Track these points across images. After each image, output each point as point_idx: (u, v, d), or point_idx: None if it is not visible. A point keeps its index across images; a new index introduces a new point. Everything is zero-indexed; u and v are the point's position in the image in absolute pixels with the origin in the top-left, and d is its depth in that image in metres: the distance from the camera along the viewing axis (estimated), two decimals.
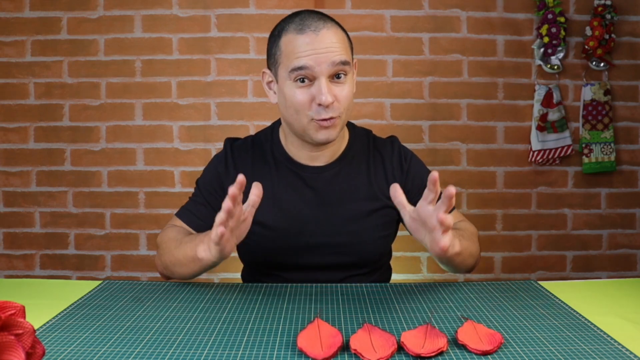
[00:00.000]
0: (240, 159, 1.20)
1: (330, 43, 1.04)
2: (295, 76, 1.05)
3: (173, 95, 2.33)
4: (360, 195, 1.17)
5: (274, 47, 1.10)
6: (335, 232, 1.16)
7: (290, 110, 1.08)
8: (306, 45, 1.03)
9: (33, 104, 2.33)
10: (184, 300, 1.02)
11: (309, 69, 1.04)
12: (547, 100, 2.30)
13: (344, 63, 1.05)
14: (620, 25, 2.30)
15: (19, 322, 0.59)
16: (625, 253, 2.40)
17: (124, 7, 2.30)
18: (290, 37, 1.06)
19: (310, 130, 1.09)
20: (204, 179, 1.23)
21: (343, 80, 1.07)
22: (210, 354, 0.77)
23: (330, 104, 1.04)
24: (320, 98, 1.03)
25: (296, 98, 1.06)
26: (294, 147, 1.18)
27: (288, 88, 1.07)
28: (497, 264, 2.40)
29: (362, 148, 1.22)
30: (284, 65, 1.07)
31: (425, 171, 1.23)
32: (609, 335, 0.83)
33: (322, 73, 1.04)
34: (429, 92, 2.34)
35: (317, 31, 1.04)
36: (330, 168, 1.18)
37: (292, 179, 1.17)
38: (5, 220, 2.37)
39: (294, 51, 1.04)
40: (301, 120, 1.08)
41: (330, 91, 1.04)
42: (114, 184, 2.36)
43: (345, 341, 0.80)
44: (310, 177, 1.17)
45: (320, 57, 1.03)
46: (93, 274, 2.38)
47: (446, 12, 2.31)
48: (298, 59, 1.03)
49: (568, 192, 2.38)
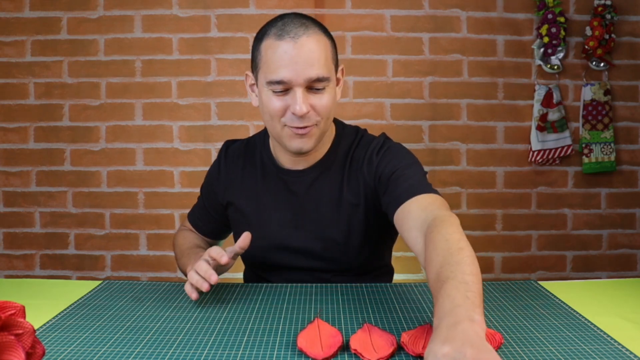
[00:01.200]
0: (233, 164, 1.23)
1: (309, 53, 1.00)
2: (271, 87, 1.03)
3: (173, 95, 2.33)
4: (332, 203, 1.14)
5: (255, 50, 1.07)
6: (312, 237, 1.15)
7: (266, 115, 1.07)
8: (284, 54, 1.00)
9: (33, 104, 2.33)
10: (184, 300, 1.02)
11: (286, 83, 1.01)
12: (547, 100, 2.30)
13: (321, 80, 1.02)
14: (620, 25, 2.30)
15: (19, 322, 0.59)
16: (625, 253, 2.40)
17: (124, 7, 2.30)
18: (270, 42, 1.02)
19: (285, 138, 1.07)
20: (204, 185, 1.32)
21: (321, 92, 1.04)
22: (210, 354, 0.77)
23: (304, 114, 1.02)
24: (295, 108, 1.01)
25: (271, 105, 1.04)
26: (278, 151, 1.17)
27: (265, 94, 1.05)
28: (497, 264, 2.40)
29: (344, 151, 1.17)
30: (262, 72, 1.04)
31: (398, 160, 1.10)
32: (609, 335, 0.83)
33: (298, 84, 1.01)
34: (429, 92, 2.34)
35: (295, 38, 1.00)
36: (310, 172, 1.16)
37: (276, 182, 1.18)
38: (5, 220, 2.37)
39: (272, 60, 1.01)
40: (275, 126, 1.06)
41: (305, 101, 1.01)
42: (113, 184, 2.36)
43: (345, 341, 0.80)
44: (292, 180, 1.16)
45: (298, 70, 1.00)
46: (93, 274, 2.38)
47: (446, 12, 2.31)
48: (275, 71, 1.01)
49: (568, 192, 2.38)
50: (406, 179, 1.05)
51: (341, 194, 1.14)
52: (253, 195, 1.19)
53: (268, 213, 1.17)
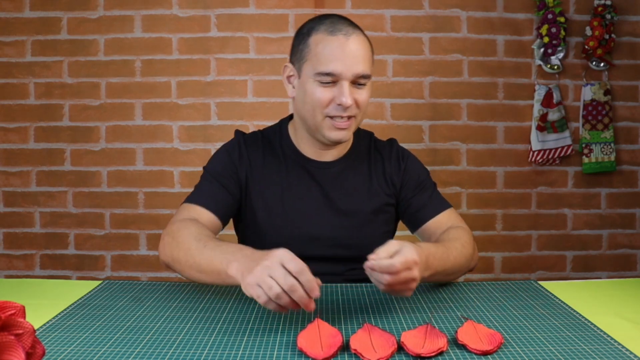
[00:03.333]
0: (253, 150, 1.23)
1: (358, 51, 1.09)
2: (320, 79, 1.09)
3: (173, 95, 2.33)
4: (362, 192, 1.22)
5: (301, 43, 1.14)
6: (336, 225, 1.20)
7: (307, 106, 1.13)
8: (336, 49, 1.08)
9: (33, 104, 2.33)
10: (184, 300, 1.02)
11: (335, 76, 1.08)
12: (547, 100, 2.30)
13: (365, 76, 1.11)
14: (620, 25, 2.30)
15: (19, 322, 0.59)
16: (625, 253, 2.40)
17: (124, 7, 2.29)
18: (321, 37, 1.10)
19: (324, 129, 1.13)
20: (216, 164, 1.23)
21: (362, 87, 1.12)
22: (210, 354, 0.77)
23: (349, 106, 1.09)
24: (342, 99, 1.08)
25: (316, 95, 1.10)
26: (303, 143, 1.22)
27: (310, 85, 1.11)
28: (497, 264, 2.40)
29: (364, 148, 1.27)
30: (310, 64, 1.11)
31: (421, 170, 1.29)
32: (609, 335, 0.83)
33: (346, 78, 1.09)
34: (429, 92, 2.34)
35: (347, 35, 1.09)
36: (337, 164, 1.23)
37: (300, 171, 1.22)
38: (5, 220, 2.37)
39: (323, 53, 1.09)
40: (316, 116, 1.12)
41: (351, 94, 1.09)
42: (113, 184, 2.36)
43: (345, 341, 0.80)
44: (317, 171, 1.22)
45: (347, 64, 1.08)
46: (93, 274, 2.37)
47: (446, 12, 2.31)
48: (327, 64, 1.08)
49: (568, 192, 2.38)
50: (431, 192, 1.26)
51: (371, 184, 1.23)
52: (277, 184, 1.21)
53: (293, 202, 1.20)
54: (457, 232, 1.16)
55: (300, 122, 1.20)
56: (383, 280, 0.88)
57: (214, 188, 1.18)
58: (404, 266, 0.87)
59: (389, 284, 0.88)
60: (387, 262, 0.87)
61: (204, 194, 1.18)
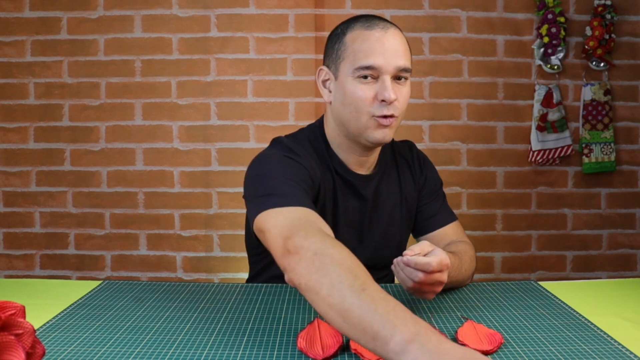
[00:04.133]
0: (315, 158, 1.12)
1: (397, 45, 1.07)
2: (361, 74, 1.04)
3: (173, 95, 2.33)
4: (396, 201, 1.22)
5: (336, 43, 1.10)
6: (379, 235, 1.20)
7: (350, 107, 1.06)
8: (375, 41, 1.04)
9: (33, 104, 2.33)
10: (184, 300, 1.02)
11: (376, 69, 1.04)
12: (547, 100, 2.30)
13: (406, 70, 1.07)
14: (620, 25, 2.30)
15: (19, 322, 0.59)
16: (625, 253, 2.40)
17: (124, 7, 2.29)
18: (358, 33, 1.07)
19: (369, 129, 1.06)
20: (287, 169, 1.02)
21: (403, 83, 1.09)
22: (210, 354, 0.77)
23: (393, 100, 1.04)
24: (384, 95, 1.03)
25: (358, 94, 1.05)
26: (342, 151, 1.15)
27: (350, 84, 1.06)
28: (497, 264, 2.40)
29: (389, 153, 1.24)
30: (348, 61, 1.06)
31: (437, 179, 1.30)
32: (609, 335, 0.83)
33: (387, 72, 1.05)
34: (429, 92, 2.34)
35: (385, 29, 1.07)
36: (375, 176, 1.19)
37: (347, 187, 1.16)
38: (5, 220, 2.37)
39: (362, 48, 1.05)
40: (360, 118, 1.06)
41: (394, 89, 1.05)
42: (113, 184, 2.36)
43: (345, 341, 0.80)
44: (360, 185, 1.16)
45: (388, 57, 1.04)
46: (93, 274, 2.37)
47: (446, 12, 2.31)
48: (367, 58, 1.04)
49: (568, 192, 2.38)
50: (442, 201, 1.26)
51: (401, 191, 1.23)
52: (330, 195, 1.13)
53: (343, 217, 1.15)
54: (465, 246, 1.17)
55: (339, 128, 1.12)
56: (415, 277, 0.86)
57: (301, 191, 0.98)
58: (438, 267, 0.87)
59: (420, 282, 0.87)
60: (425, 260, 0.86)
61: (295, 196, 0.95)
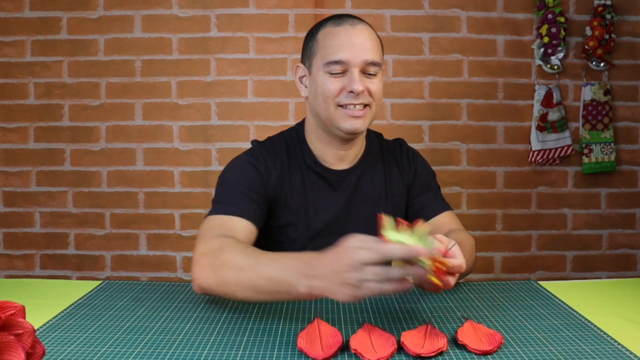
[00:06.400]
0: (279, 161, 1.18)
1: (365, 39, 1.10)
2: (330, 69, 1.10)
3: (173, 95, 2.33)
4: (380, 196, 1.24)
5: (310, 41, 1.16)
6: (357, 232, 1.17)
7: (320, 99, 1.12)
8: (344, 37, 1.10)
9: (33, 104, 2.33)
10: (184, 300, 1.02)
11: (344, 63, 1.09)
12: (547, 100, 2.30)
13: (375, 64, 1.11)
14: (620, 25, 2.30)
15: (19, 322, 0.59)
16: (625, 253, 2.40)
17: (124, 7, 2.29)
18: (328, 29, 1.12)
19: (338, 119, 1.11)
20: (240, 177, 1.14)
21: (373, 77, 1.12)
22: (210, 354, 0.77)
23: (361, 92, 1.09)
24: (352, 86, 1.08)
25: (327, 86, 1.10)
26: (321, 145, 1.19)
27: (321, 78, 1.11)
28: (497, 264, 2.40)
29: (377, 150, 1.27)
30: (320, 56, 1.12)
31: (429, 172, 1.30)
32: (609, 335, 0.83)
33: (355, 65, 1.09)
34: (429, 92, 2.34)
35: (354, 25, 1.11)
36: (354, 171, 1.22)
37: (321, 182, 1.20)
38: (5, 220, 2.37)
39: (331, 44, 1.10)
40: (329, 108, 1.11)
41: (361, 80, 1.09)
42: (113, 184, 2.36)
43: (345, 341, 0.80)
44: (337, 180, 1.20)
45: (355, 52, 1.08)
46: (93, 274, 2.37)
47: (446, 12, 2.31)
48: (335, 53, 1.09)
49: (568, 192, 2.38)
50: (435, 193, 1.28)
51: (386, 186, 1.24)
52: (299, 195, 1.18)
53: (315, 213, 1.19)
54: (464, 235, 1.18)
55: (316, 122, 1.17)
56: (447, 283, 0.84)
57: (244, 200, 1.11)
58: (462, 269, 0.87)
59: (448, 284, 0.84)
60: (458, 262, 0.85)
61: (233, 205, 1.09)
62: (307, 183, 1.19)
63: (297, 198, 1.18)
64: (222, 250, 0.94)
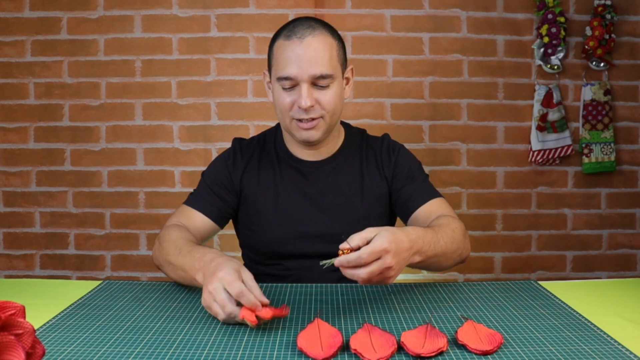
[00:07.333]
0: (248, 156, 1.28)
1: (314, 52, 1.11)
2: (281, 84, 1.14)
3: (173, 95, 2.33)
4: (354, 189, 1.25)
5: (270, 50, 1.19)
6: (329, 223, 1.22)
7: (277, 110, 1.18)
8: (291, 52, 1.11)
9: (33, 104, 2.33)
10: (184, 300, 1.02)
11: (292, 80, 1.12)
12: (547, 100, 2.30)
13: (325, 77, 1.12)
14: (620, 25, 2.30)
15: (19, 322, 0.59)
16: (625, 253, 2.40)
17: (124, 7, 2.30)
18: (280, 43, 1.14)
19: (294, 130, 1.18)
20: (211, 171, 1.29)
21: (326, 87, 1.14)
22: (210, 354, 0.77)
23: (309, 107, 1.12)
24: (300, 102, 1.12)
25: (280, 100, 1.15)
26: (292, 143, 1.26)
27: (276, 90, 1.17)
28: (497, 264, 2.40)
29: (356, 146, 1.30)
30: (274, 69, 1.16)
31: (412, 162, 1.29)
32: (609, 335, 0.83)
33: (303, 80, 1.11)
34: (429, 92, 2.34)
35: (302, 38, 1.11)
36: (327, 163, 1.26)
37: (293, 173, 1.26)
38: (5, 220, 2.37)
39: (281, 58, 1.13)
40: (285, 119, 1.18)
41: (310, 95, 1.12)
42: (114, 184, 2.36)
43: (345, 341, 0.80)
44: (309, 171, 1.25)
45: (302, 67, 1.10)
46: (93, 274, 2.38)
47: (446, 12, 2.31)
48: (284, 68, 1.12)
49: (568, 192, 2.38)
50: (421, 182, 1.26)
51: (362, 180, 1.26)
52: (270, 186, 1.25)
53: (286, 202, 1.23)
54: (447, 219, 1.13)
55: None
56: (358, 277, 0.85)
57: (209, 194, 1.25)
58: (372, 257, 0.84)
59: (363, 280, 0.85)
60: (354, 256, 0.84)
61: (199, 198, 1.25)
62: (277, 175, 1.25)
63: (267, 189, 1.24)
64: (164, 237, 1.12)
